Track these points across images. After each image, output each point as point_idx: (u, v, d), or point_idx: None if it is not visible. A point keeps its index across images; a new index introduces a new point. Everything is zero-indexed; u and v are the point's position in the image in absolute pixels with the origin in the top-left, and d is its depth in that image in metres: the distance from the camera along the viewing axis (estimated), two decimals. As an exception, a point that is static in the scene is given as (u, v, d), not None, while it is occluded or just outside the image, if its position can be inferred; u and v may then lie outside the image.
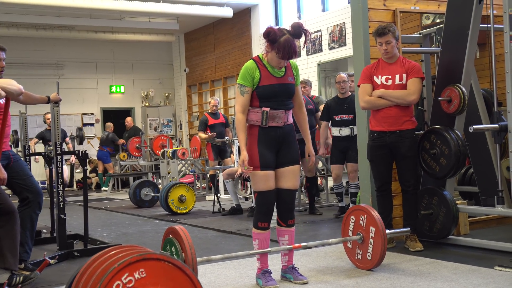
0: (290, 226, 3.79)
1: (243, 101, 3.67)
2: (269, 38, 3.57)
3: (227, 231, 6.20)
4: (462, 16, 4.78)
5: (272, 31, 3.57)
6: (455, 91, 4.65)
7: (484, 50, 6.56)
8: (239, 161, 3.66)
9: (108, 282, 2.22)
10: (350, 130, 6.59)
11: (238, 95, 3.69)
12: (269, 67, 3.68)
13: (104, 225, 7.36)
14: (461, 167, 4.69)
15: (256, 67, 3.66)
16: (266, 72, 3.67)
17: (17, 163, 4.31)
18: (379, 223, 3.90)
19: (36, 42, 14.90)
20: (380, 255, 3.90)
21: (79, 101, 15.64)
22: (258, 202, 3.71)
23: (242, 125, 3.68)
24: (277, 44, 3.53)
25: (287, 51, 3.53)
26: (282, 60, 3.60)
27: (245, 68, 3.68)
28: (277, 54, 3.56)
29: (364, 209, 4.04)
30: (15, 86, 4.09)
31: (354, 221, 4.08)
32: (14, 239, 3.96)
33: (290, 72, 3.76)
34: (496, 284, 3.46)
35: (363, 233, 4.00)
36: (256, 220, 3.72)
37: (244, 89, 3.66)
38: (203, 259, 3.56)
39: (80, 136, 10.54)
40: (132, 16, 14.14)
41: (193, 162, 11.15)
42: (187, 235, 3.41)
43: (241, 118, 3.68)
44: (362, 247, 4.02)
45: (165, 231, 3.63)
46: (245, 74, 3.66)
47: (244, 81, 3.66)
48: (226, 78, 15.16)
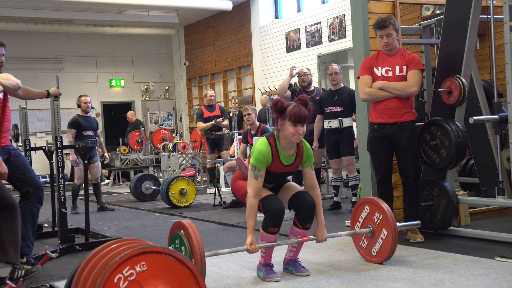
0: (307, 229, 3.74)
1: (257, 185, 3.58)
2: (276, 108, 3.54)
3: (228, 224, 6.21)
4: (462, 7, 4.77)
5: (278, 101, 3.55)
6: (455, 82, 4.65)
7: (484, 41, 6.56)
8: (246, 243, 3.56)
9: (109, 275, 2.22)
10: (339, 122, 6.54)
11: (252, 178, 3.59)
12: (281, 153, 3.62)
13: (105, 219, 7.38)
14: (462, 158, 4.69)
15: (270, 153, 3.59)
16: (277, 161, 3.62)
17: (18, 157, 4.31)
18: (392, 227, 3.80)
19: (36, 36, 14.88)
20: (384, 259, 3.88)
21: (79, 95, 15.58)
22: (266, 209, 3.62)
23: (254, 211, 3.57)
24: (287, 113, 3.50)
25: (298, 115, 3.47)
26: (297, 133, 3.50)
27: (260, 152, 3.58)
28: (290, 121, 3.48)
29: (382, 209, 3.89)
30: (12, 80, 4.08)
31: (368, 213, 3.99)
32: (15, 233, 3.96)
33: (299, 161, 3.70)
34: (497, 274, 3.47)
35: (374, 228, 3.94)
36: (266, 225, 3.63)
37: (259, 173, 3.58)
38: (211, 253, 3.53)
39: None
40: (132, 10, 14.12)
41: (193, 155, 11.15)
42: (195, 230, 3.38)
43: (253, 204, 3.56)
44: (369, 240, 4.01)
45: (172, 225, 3.61)
46: (260, 158, 3.57)
47: (259, 165, 3.58)
48: (226, 71, 15.14)
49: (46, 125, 14.55)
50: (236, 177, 3.94)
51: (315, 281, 3.58)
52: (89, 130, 7.97)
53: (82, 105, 8.11)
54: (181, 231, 3.45)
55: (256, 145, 3.64)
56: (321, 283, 3.53)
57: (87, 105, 8.05)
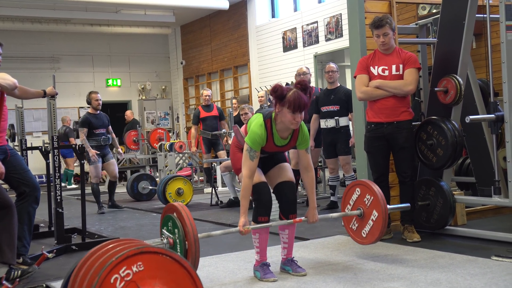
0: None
1: (253, 166, 3.59)
2: (276, 95, 3.52)
3: (225, 224, 6.21)
4: (458, 6, 4.78)
5: (278, 87, 3.53)
6: (452, 82, 4.65)
7: (480, 40, 6.57)
8: (238, 225, 3.57)
9: (106, 275, 2.22)
10: (335, 122, 6.55)
11: (247, 158, 3.59)
12: (275, 136, 3.64)
13: (102, 218, 7.37)
14: (458, 157, 4.70)
15: (265, 135, 3.61)
16: (271, 142, 3.65)
17: (14, 157, 4.30)
18: (383, 209, 3.80)
19: (32, 35, 14.85)
20: (374, 240, 3.91)
21: (75, 94, 15.61)
22: (255, 197, 3.70)
23: (248, 192, 3.59)
24: (286, 99, 3.49)
25: (297, 104, 3.46)
26: (295, 120, 3.51)
27: (256, 134, 3.59)
28: (289, 109, 3.48)
29: (372, 191, 3.89)
30: (9, 80, 4.08)
31: (359, 195, 3.98)
32: (11, 233, 3.96)
33: (294, 142, 3.72)
34: (493, 274, 3.48)
35: (364, 210, 3.93)
36: (256, 215, 3.70)
37: (254, 154, 3.59)
38: (204, 235, 3.48)
39: (77, 130, 10.50)
40: (128, 9, 14.10)
41: (190, 155, 11.14)
42: (188, 212, 3.31)
43: (248, 185, 3.58)
44: (359, 221, 4.00)
45: (164, 208, 3.54)
46: (256, 139, 3.59)
47: (255, 147, 3.59)
48: (222, 71, 15.14)
49: (42, 125, 14.53)
50: (235, 147, 3.93)
51: (312, 281, 3.58)
52: (101, 127, 7.87)
53: (93, 102, 7.89)
54: (173, 214, 3.38)
55: (252, 126, 3.65)
56: (318, 283, 3.53)
57: (98, 102, 7.89)
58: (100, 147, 7.82)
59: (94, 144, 7.75)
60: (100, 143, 7.81)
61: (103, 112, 8.08)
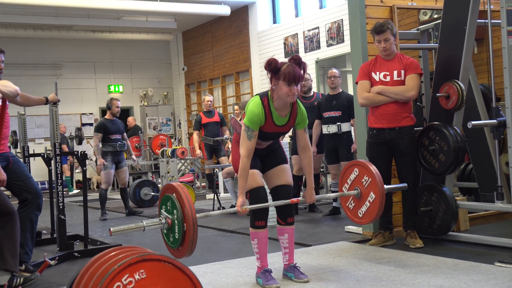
0: (290, 224, 3.78)
1: (250, 146, 3.59)
2: (270, 68, 3.53)
3: (228, 230, 6.20)
4: (459, 12, 4.78)
5: (272, 60, 3.53)
6: (453, 87, 4.65)
7: (481, 45, 6.57)
8: (236, 205, 3.58)
9: (108, 283, 2.21)
10: (337, 127, 6.55)
11: (245, 138, 3.59)
12: (274, 114, 3.63)
13: (104, 225, 7.36)
14: (460, 163, 4.69)
15: (263, 113, 3.60)
16: (270, 121, 3.63)
17: (16, 164, 4.31)
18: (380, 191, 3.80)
19: (34, 42, 14.88)
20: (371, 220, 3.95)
21: (77, 101, 15.64)
22: (252, 202, 3.69)
23: (246, 172, 3.58)
24: (281, 72, 3.50)
25: (292, 75, 3.47)
26: (291, 92, 3.50)
27: (253, 112, 3.58)
28: (284, 81, 3.48)
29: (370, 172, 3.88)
30: (11, 87, 4.09)
31: (357, 175, 3.98)
32: (14, 241, 3.96)
33: (293, 121, 3.72)
34: (497, 280, 3.47)
35: (362, 191, 3.94)
36: (253, 220, 3.71)
37: (252, 133, 3.59)
38: (202, 215, 3.45)
39: (79, 136, 10.48)
40: (130, 15, 14.13)
41: (192, 161, 11.14)
42: (187, 193, 3.28)
43: (246, 164, 3.56)
44: (356, 201, 4.00)
45: (163, 188, 3.48)
46: (254, 118, 3.58)
47: (252, 126, 3.58)
48: (224, 76, 15.15)
49: (44, 131, 14.54)
50: (236, 142, 3.91)
51: (314, 287, 3.57)
52: (116, 133, 7.90)
53: (113, 108, 7.92)
54: (173, 194, 3.32)
55: (250, 106, 3.65)
56: (320, 289, 3.52)
57: (118, 109, 7.95)
58: (116, 153, 7.84)
59: (110, 150, 7.78)
60: (116, 148, 7.83)
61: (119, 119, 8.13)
